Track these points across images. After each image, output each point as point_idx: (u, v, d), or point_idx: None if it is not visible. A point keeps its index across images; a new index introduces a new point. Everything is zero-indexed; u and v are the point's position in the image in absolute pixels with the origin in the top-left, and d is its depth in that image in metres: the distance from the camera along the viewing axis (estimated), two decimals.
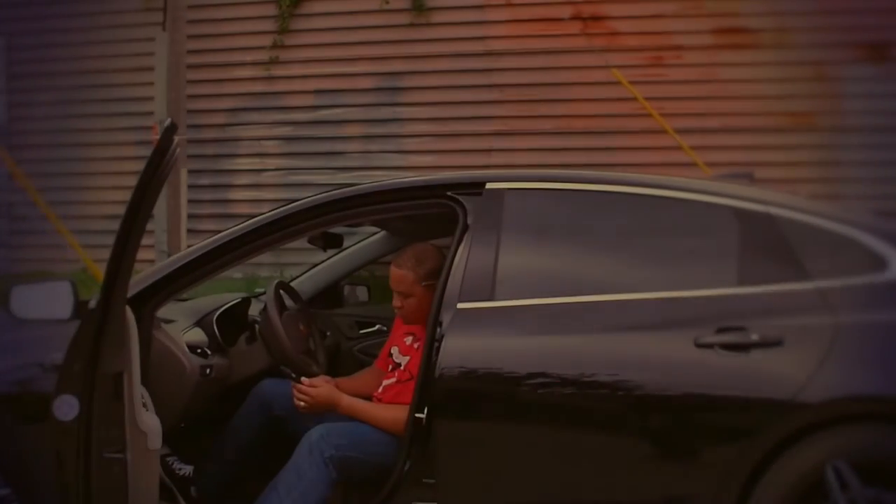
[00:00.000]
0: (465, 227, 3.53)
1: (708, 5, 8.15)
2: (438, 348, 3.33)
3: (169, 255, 8.31)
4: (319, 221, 3.76)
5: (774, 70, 8.05)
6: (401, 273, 3.81)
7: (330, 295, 5.19)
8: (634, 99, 8.09)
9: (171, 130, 3.15)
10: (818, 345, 3.06)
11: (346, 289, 5.31)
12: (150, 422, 3.35)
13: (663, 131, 8.02)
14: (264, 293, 5.12)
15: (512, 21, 8.50)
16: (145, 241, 3.88)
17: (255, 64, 8.80)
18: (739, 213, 3.33)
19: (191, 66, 8.43)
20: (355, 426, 3.64)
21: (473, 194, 3.58)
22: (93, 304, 3.26)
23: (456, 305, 3.39)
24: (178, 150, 3.28)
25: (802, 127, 8.03)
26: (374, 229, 5.08)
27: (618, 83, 8.11)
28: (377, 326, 5.12)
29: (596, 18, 8.33)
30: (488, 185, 3.57)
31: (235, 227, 3.78)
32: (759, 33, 8.09)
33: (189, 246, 8.06)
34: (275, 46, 8.76)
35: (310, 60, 8.78)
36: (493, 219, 3.49)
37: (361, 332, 5.12)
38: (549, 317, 3.32)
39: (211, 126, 8.93)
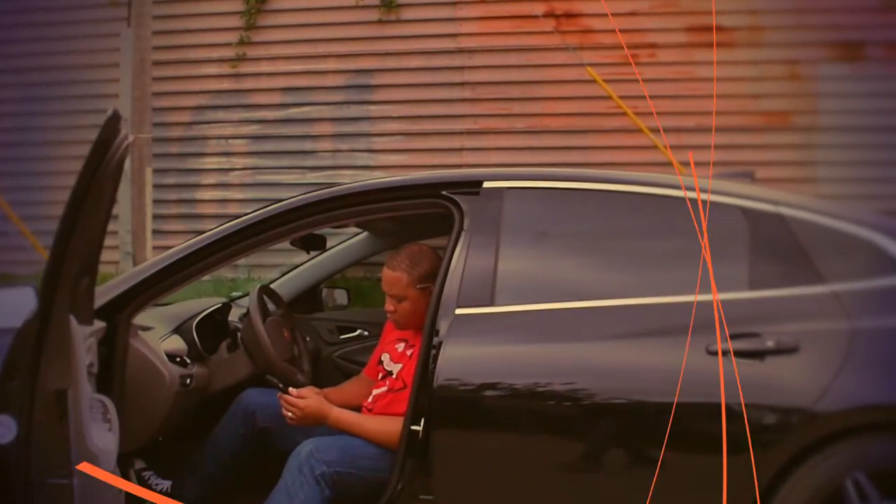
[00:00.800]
0: (462, 228, 3.38)
1: (682, 3, 8.06)
2: (436, 356, 3.18)
3: (134, 256, 8.15)
4: (307, 222, 3.60)
5: (749, 69, 7.99)
6: (394, 275, 3.66)
7: (309, 299, 5.04)
8: (609, 97, 7.99)
9: (114, 120, 2.91)
10: (835, 351, 2.95)
11: (325, 292, 5.16)
12: (103, 443, 3.05)
13: (638, 130, 7.94)
14: (241, 297, 4.96)
15: (484, 18, 8.37)
16: (109, 241, 3.71)
17: (222, 61, 8.60)
18: (750, 214, 3.21)
19: (156, 63, 8.26)
20: (346, 440, 3.48)
21: (470, 193, 3.43)
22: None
23: (454, 311, 3.24)
24: (127, 142, 3.06)
25: (777, 126, 7.98)
26: (356, 230, 4.94)
27: (591, 81, 8.01)
28: (358, 331, 4.98)
29: (569, 16, 8.22)
30: (486, 184, 3.43)
31: (219, 229, 3.61)
32: (733, 31, 8.02)
33: (155, 248, 7.96)
34: (242, 43, 8.56)
35: (278, 57, 8.59)
36: (491, 219, 3.35)
37: (342, 337, 4.98)
38: (553, 323, 3.19)
39: (177, 124, 8.72)
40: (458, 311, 3.24)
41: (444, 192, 3.48)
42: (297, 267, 5.14)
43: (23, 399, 2.88)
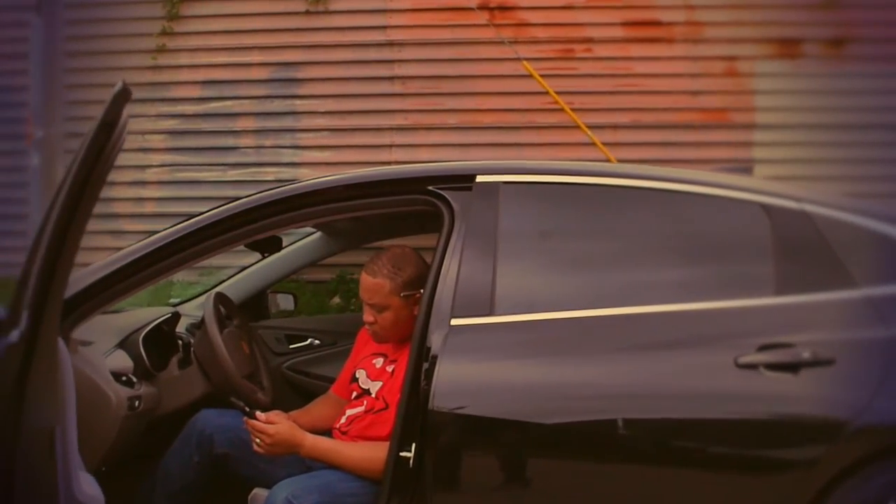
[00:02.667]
0: (453, 228, 3.07)
1: None
2: (430, 372, 2.85)
3: None
4: (272, 222, 3.25)
5: (687, 65, 7.85)
6: (375, 282, 3.31)
7: (253, 305, 4.69)
8: (545, 93, 7.76)
9: (122, 97, 2.53)
10: (874, 362, 2.72)
11: (270, 297, 4.82)
12: (91, 489, 2.69)
13: (575, 127, 7.72)
14: (180, 303, 4.60)
15: (414, 10, 8.06)
16: (16, 243, 3.30)
17: (140, 52, 8.14)
18: (772, 211, 2.95)
19: (69, 54, 7.77)
20: (323, 477, 3.12)
21: (461, 189, 3.12)
22: (15, 335, 2.52)
23: (449, 322, 2.92)
24: (127, 125, 2.67)
25: (714, 123, 7.86)
26: (309, 230, 4.60)
27: (527, 76, 7.76)
28: (309, 340, 4.65)
29: (503, 8, 7.97)
30: (479, 178, 3.12)
31: (174, 229, 3.26)
32: (671, 27, 7.87)
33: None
34: (163, 34, 8.13)
35: (199, 49, 8.17)
36: (487, 218, 3.03)
37: (291, 346, 4.64)
38: (562, 334, 2.89)
39: (90, 119, 8.18)
40: (455, 322, 2.93)
41: (430, 188, 3.16)
42: (243, 270, 4.79)
43: (3, 438, 2.48)
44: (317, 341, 4.66)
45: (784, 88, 7.78)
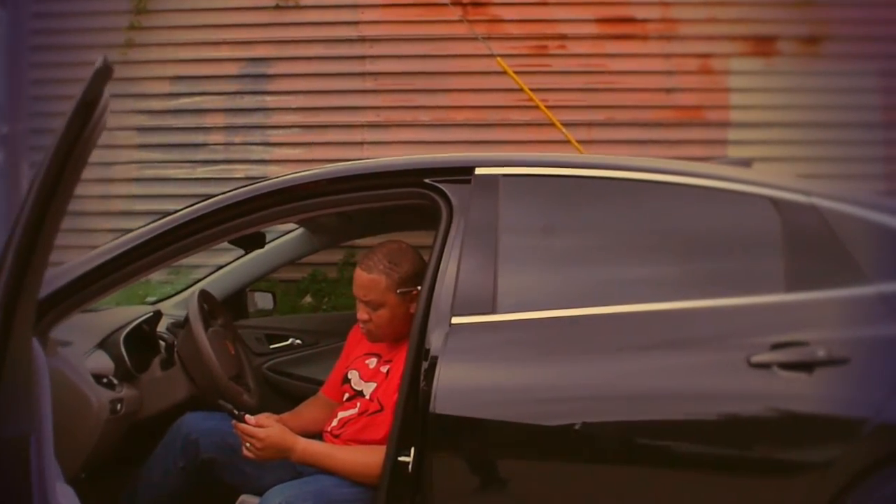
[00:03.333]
0: (451, 223, 2.97)
1: None
2: (431, 373, 2.75)
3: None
4: (260, 216, 3.13)
5: (661, 62, 7.82)
6: (370, 278, 3.20)
7: (232, 304, 4.58)
8: (519, 90, 7.69)
9: (103, 74, 2.36)
10: (890, 360, 2.66)
11: (248, 296, 4.71)
12: (68, 501, 2.54)
13: (550, 124, 7.65)
14: (156, 302, 4.48)
15: (387, 5, 7.96)
16: None
17: (108, 47, 7.97)
18: (781, 205, 2.88)
19: (34, 48, 7.61)
20: (317, 484, 3.00)
21: (459, 182, 3.02)
22: None
23: (450, 320, 2.82)
24: (108, 105, 2.51)
25: (689, 121, 7.83)
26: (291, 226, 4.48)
27: (501, 73, 7.68)
28: (290, 340, 4.54)
29: (477, 4, 7.89)
30: (478, 171, 3.03)
31: (155, 224, 3.13)
32: (645, 24, 7.83)
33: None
34: (131, 28, 7.97)
35: (168, 44, 8.03)
36: (487, 212, 2.94)
37: (272, 346, 4.53)
38: (569, 333, 2.80)
39: (56, 115, 8.00)
40: (456, 321, 2.83)
41: (427, 181, 3.06)
42: (219, 269, 4.68)
43: None
44: (298, 341, 4.55)
45: (759, 86, 7.76)
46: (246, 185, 3.18)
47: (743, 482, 2.69)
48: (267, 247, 4.49)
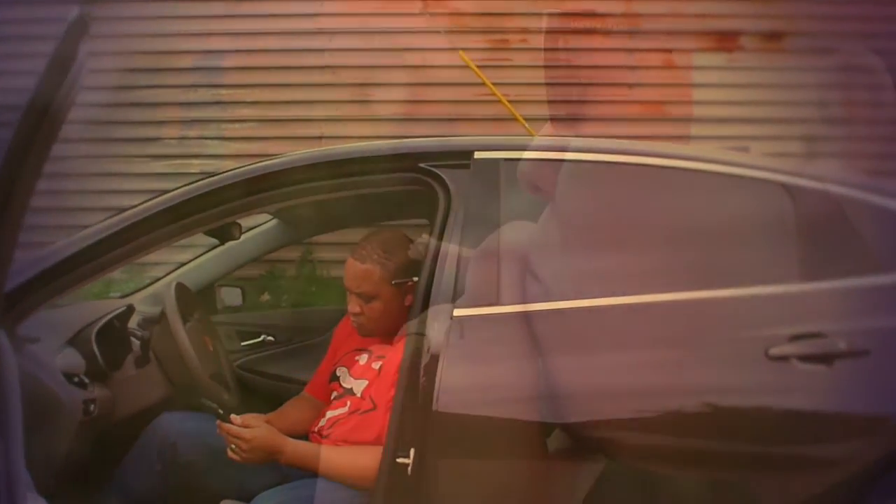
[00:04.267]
0: (449, 210, 2.84)
1: None
2: (433, 369, 2.61)
3: None
4: (242, 203, 2.98)
5: (624, 57, 7.74)
6: (364, 268, 3.06)
7: (202, 299, 4.41)
8: (481, 84, 7.58)
9: (79, 29, 2.14)
10: None
11: (216, 291, 4.55)
12: None
13: (512, 119, 7.54)
14: (122, 297, 4.31)
15: None
16: None
17: (57, 37, 7.73)
18: (793, 191, 2.78)
19: None
20: (306, 488, 2.85)
21: (457, 166, 2.89)
22: None
23: (451, 312, 2.69)
24: (85, 64, 2.29)
25: (651, 116, 7.76)
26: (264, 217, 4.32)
27: (462, 67, 7.57)
28: (262, 337, 4.39)
29: None
30: (477, 155, 2.89)
31: (126, 214, 2.98)
32: (606, 18, 7.75)
33: None
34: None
35: (119, 35, 7.80)
36: (487, 199, 2.81)
37: (243, 344, 4.38)
38: (579, 325, 2.68)
39: (2, 108, 7.80)
40: (458, 313, 2.70)
41: (422, 165, 2.92)
42: (182, 266, 4.51)
43: None
44: (270, 338, 4.39)
45: (722, 81, 7.72)
46: (229, 171, 3.03)
47: (761, 477, 2.60)
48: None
